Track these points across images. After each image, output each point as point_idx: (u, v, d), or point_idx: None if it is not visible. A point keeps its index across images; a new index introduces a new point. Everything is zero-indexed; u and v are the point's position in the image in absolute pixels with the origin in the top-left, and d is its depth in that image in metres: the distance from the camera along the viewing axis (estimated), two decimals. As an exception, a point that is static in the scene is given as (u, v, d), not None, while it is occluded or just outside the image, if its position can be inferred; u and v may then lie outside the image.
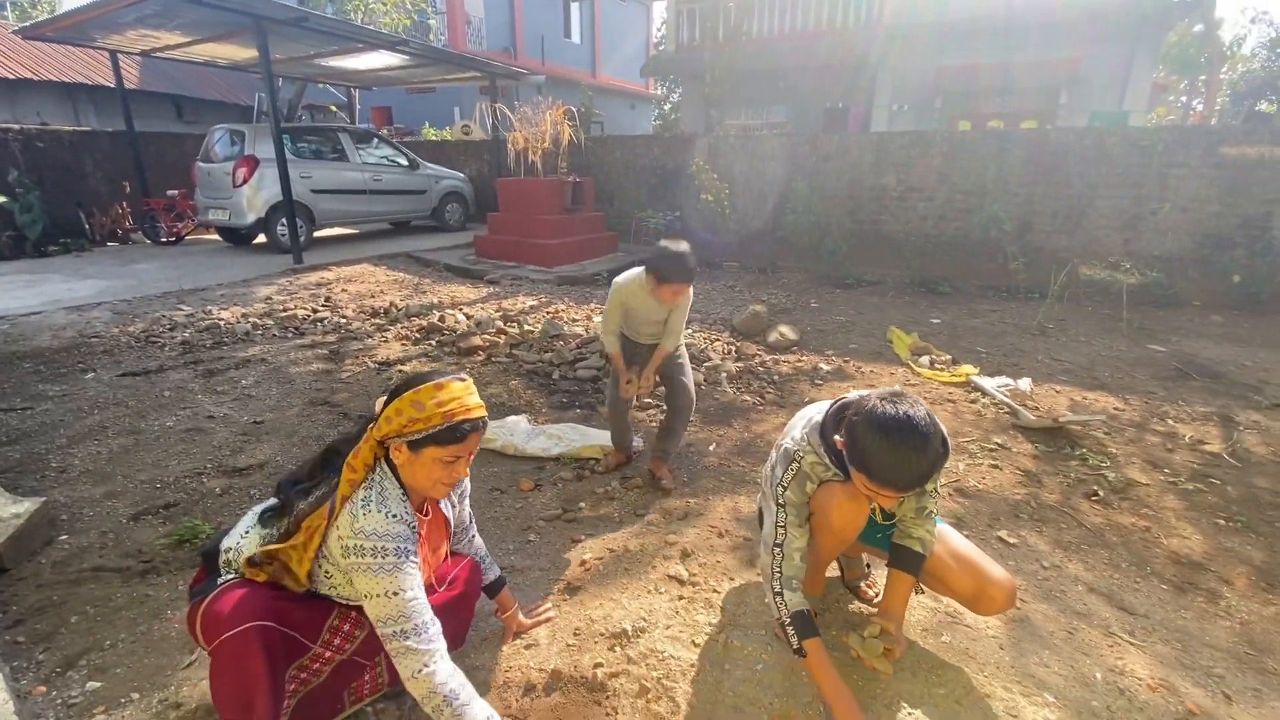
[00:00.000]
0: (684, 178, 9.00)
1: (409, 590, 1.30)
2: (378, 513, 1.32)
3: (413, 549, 1.35)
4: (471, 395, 1.40)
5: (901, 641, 1.52)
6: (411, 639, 1.28)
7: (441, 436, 1.33)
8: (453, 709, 1.26)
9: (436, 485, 1.39)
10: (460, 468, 1.40)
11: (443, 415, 1.33)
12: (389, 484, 1.38)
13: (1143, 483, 2.99)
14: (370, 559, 1.29)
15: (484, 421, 1.40)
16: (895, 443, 1.28)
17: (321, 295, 6.38)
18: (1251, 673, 1.86)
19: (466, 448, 1.38)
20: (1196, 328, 5.51)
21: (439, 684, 1.27)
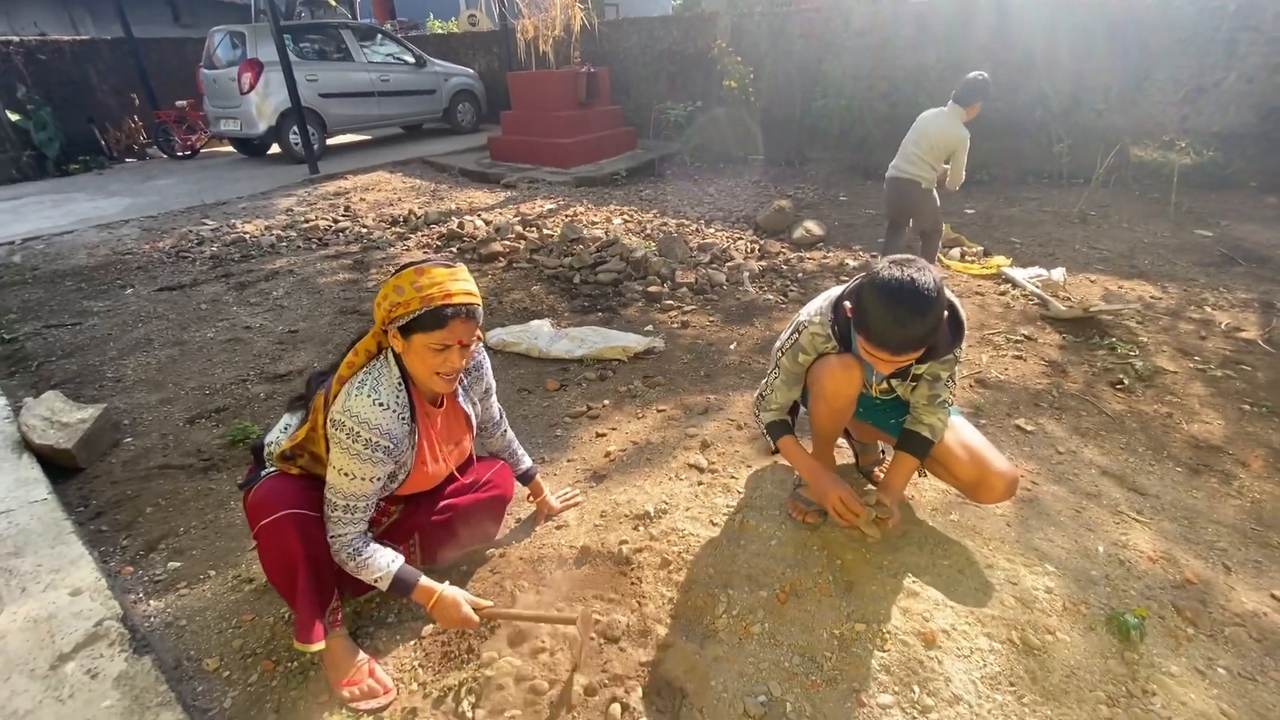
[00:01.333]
0: (705, 63, 8.44)
1: (360, 478, 1.39)
2: (367, 398, 1.36)
3: (388, 445, 1.39)
4: (456, 281, 1.37)
5: (895, 513, 1.59)
6: (338, 513, 1.42)
7: (424, 321, 1.33)
8: (356, 562, 1.43)
9: (433, 376, 1.41)
10: (452, 357, 1.39)
11: (421, 299, 1.32)
12: (387, 371, 1.42)
13: (1170, 370, 2.96)
14: (344, 436, 1.35)
15: (469, 309, 1.38)
16: (894, 303, 1.29)
17: (341, 205, 6.36)
18: (1255, 547, 1.92)
19: (453, 334, 1.36)
20: (1249, 210, 5.19)
21: (345, 546, 1.43)
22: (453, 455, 1.63)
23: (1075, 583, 1.63)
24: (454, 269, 1.40)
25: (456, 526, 1.80)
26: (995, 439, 2.41)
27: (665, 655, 1.49)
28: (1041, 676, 1.38)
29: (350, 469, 1.37)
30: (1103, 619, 1.51)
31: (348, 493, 1.40)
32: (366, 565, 1.44)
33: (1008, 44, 6.78)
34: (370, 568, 1.44)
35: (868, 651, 1.42)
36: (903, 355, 1.34)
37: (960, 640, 1.44)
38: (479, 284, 4.23)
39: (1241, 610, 1.63)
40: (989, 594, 1.56)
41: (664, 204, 6.35)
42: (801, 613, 1.54)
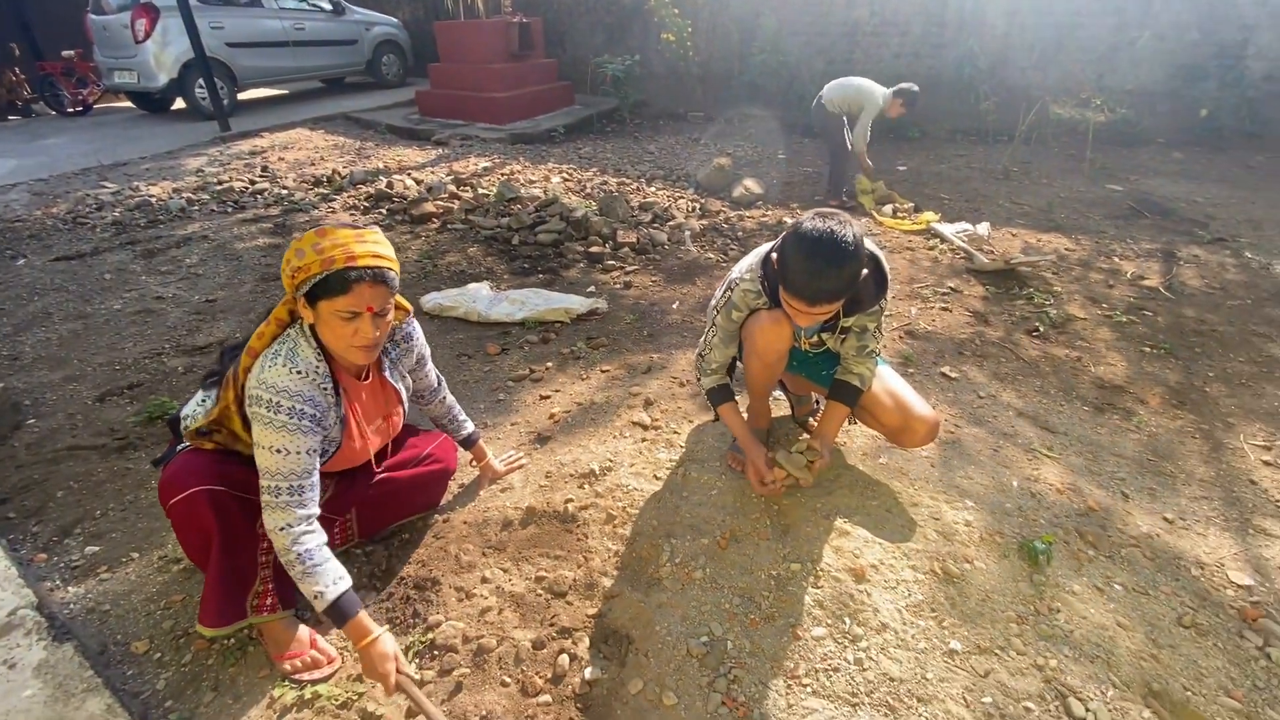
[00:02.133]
0: (643, 14, 8.21)
1: (294, 451, 1.29)
2: (283, 367, 1.29)
3: (312, 412, 1.31)
4: (363, 243, 1.27)
5: (824, 456, 1.66)
6: (284, 496, 1.29)
7: (328, 285, 1.24)
8: (304, 567, 1.28)
9: (348, 348, 1.32)
10: (364, 326, 1.29)
11: (322, 262, 1.23)
12: (304, 343, 1.35)
13: (1081, 317, 3.16)
14: (264, 410, 1.27)
15: (377, 271, 1.27)
16: (811, 254, 1.32)
17: (257, 165, 5.94)
18: (1150, 475, 2.11)
19: (360, 300, 1.26)
20: (1157, 165, 5.53)
21: (295, 543, 1.28)
22: (381, 430, 1.58)
23: (991, 515, 1.75)
24: (361, 230, 1.31)
25: (396, 501, 1.76)
26: (922, 387, 2.54)
27: (611, 605, 1.52)
28: (960, 601, 1.49)
29: (280, 443, 1.28)
30: (1015, 547, 1.64)
31: (285, 471, 1.29)
32: (309, 574, 1.28)
33: (940, 2, 6.87)
34: (313, 578, 1.28)
35: (802, 589, 1.50)
36: (819, 306, 1.37)
37: (887, 573, 1.53)
38: (412, 246, 4.10)
39: (1137, 533, 1.80)
40: (914, 530, 1.66)
41: (604, 162, 6.23)
42: (741, 556, 1.60)
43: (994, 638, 1.40)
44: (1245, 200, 4.71)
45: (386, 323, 1.37)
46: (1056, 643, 1.40)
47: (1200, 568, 1.69)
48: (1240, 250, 3.88)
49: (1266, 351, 2.85)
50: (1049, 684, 1.31)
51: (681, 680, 1.34)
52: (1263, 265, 3.68)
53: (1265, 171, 5.35)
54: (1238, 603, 1.58)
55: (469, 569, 1.68)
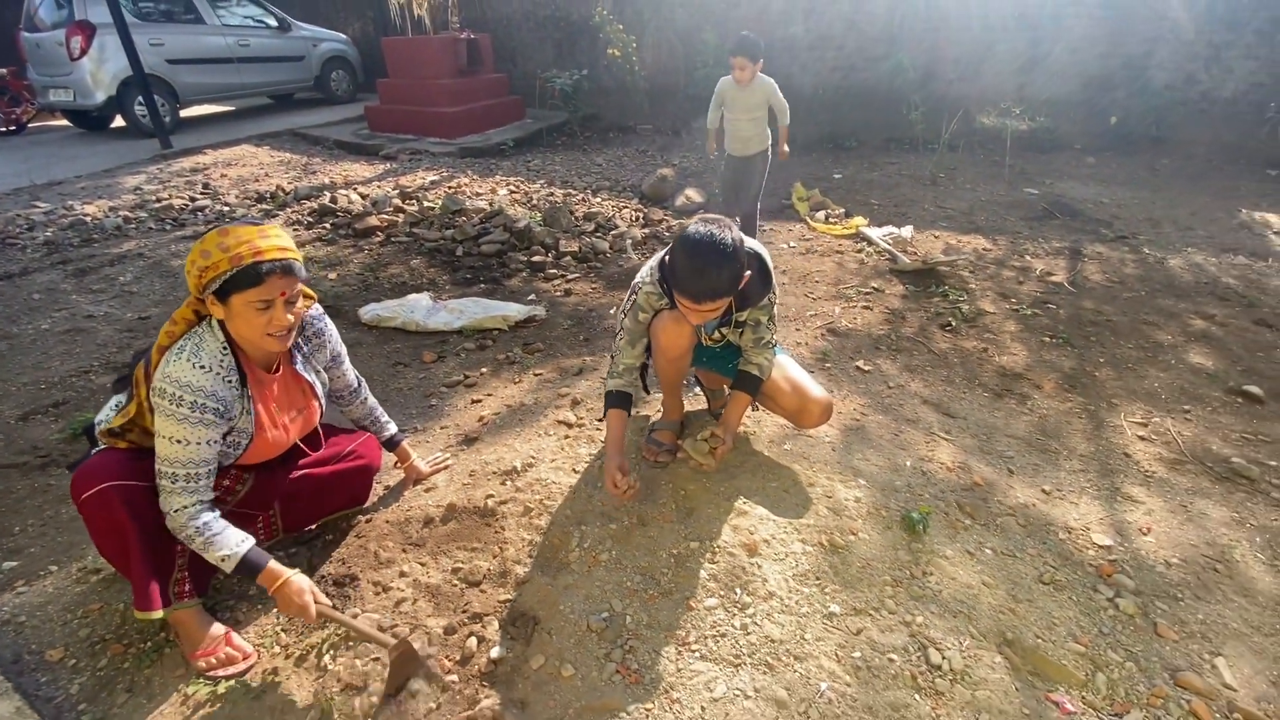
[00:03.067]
0: (589, 30, 8.37)
1: (194, 442, 1.36)
2: (187, 362, 1.35)
3: (215, 406, 1.37)
4: (266, 238, 1.35)
5: (727, 443, 1.79)
6: (180, 483, 1.38)
7: (238, 280, 1.31)
8: (204, 538, 1.38)
9: (263, 337, 1.39)
10: (278, 314, 1.37)
11: (230, 260, 1.30)
12: (210, 337, 1.41)
13: (990, 312, 3.37)
14: (167, 403, 1.33)
15: (284, 263, 1.35)
16: (694, 256, 1.44)
17: (199, 182, 5.88)
18: (1036, 453, 2.29)
19: (272, 289, 1.34)
20: (1071, 170, 5.88)
21: (192, 519, 1.38)
22: (296, 423, 1.64)
23: (881, 492, 1.89)
24: (262, 226, 1.39)
25: (320, 497, 1.82)
26: (836, 380, 2.69)
27: (522, 590, 1.60)
28: (843, 569, 1.61)
29: (180, 434, 1.35)
30: (898, 519, 1.78)
31: (184, 460, 1.37)
32: (212, 543, 1.39)
33: (870, 17, 7.21)
34: (217, 545, 1.39)
35: (699, 564, 1.60)
36: (705, 304, 1.49)
37: (778, 547, 1.65)
38: (354, 260, 4.13)
39: (1014, 503, 1.96)
40: (807, 507, 1.79)
41: (552, 174, 6.34)
42: (646, 539, 1.70)
43: (869, 600, 1.53)
44: (1148, 201, 5.05)
45: (298, 310, 1.45)
46: (925, 602, 1.54)
47: (1068, 532, 1.85)
48: (1139, 247, 4.17)
49: (1153, 338, 3.10)
50: (913, 638, 1.44)
51: (580, 653, 1.42)
52: (1158, 260, 3.97)
53: (1168, 174, 5.75)
54: (1097, 561, 1.74)
55: (388, 564, 1.74)
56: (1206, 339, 3.07)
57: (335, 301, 3.57)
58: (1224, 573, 1.72)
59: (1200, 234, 4.39)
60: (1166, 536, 1.86)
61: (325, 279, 3.87)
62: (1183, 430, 2.40)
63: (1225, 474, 2.15)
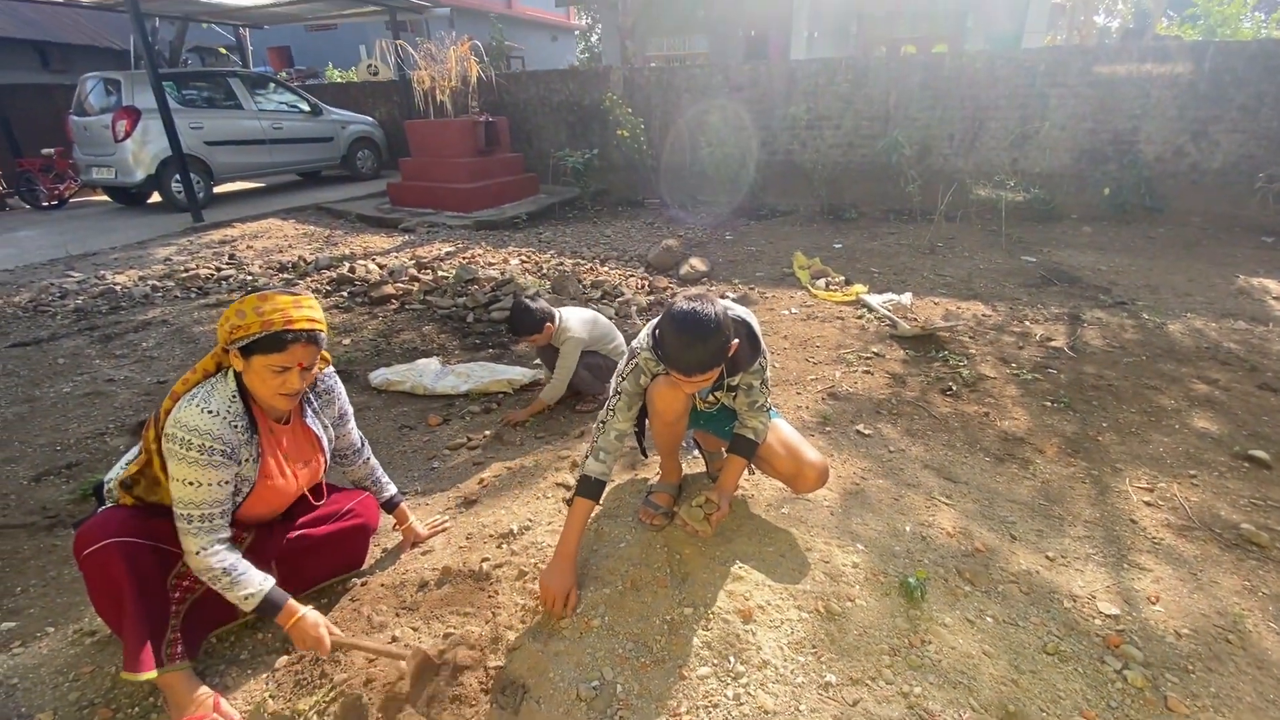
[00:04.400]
0: (600, 113, 8.89)
1: (207, 484, 1.42)
2: (197, 408, 1.42)
3: (223, 449, 1.43)
4: (300, 309, 1.45)
5: (723, 508, 1.79)
6: (196, 524, 1.43)
7: (264, 344, 1.41)
8: (230, 578, 1.44)
9: (274, 395, 1.48)
10: (292, 379, 1.46)
11: (262, 323, 1.40)
12: (222, 386, 1.49)
13: (991, 376, 3.39)
14: (177, 447, 1.39)
15: (311, 334, 1.46)
16: (680, 331, 1.50)
17: (225, 253, 6.16)
18: (1039, 519, 2.25)
19: (293, 357, 1.44)
20: (1068, 239, 6.02)
21: (217, 559, 1.44)
22: (303, 474, 1.69)
23: (880, 557, 1.87)
24: (298, 296, 1.49)
25: (317, 555, 1.83)
26: (837, 443, 2.70)
27: (513, 657, 1.58)
28: (839, 637, 1.58)
29: (193, 476, 1.41)
30: (896, 585, 1.75)
31: (199, 501, 1.43)
32: (238, 582, 1.46)
33: (866, 98, 7.61)
34: (242, 584, 1.46)
35: (693, 631, 1.58)
36: (695, 376, 1.54)
37: (774, 613, 1.63)
38: (368, 326, 4.27)
39: (1017, 570, 1.92)
40: (804, 572, 1.77)
41: (562, 245, 6.58)
42: (639, 604, 1.68)
43: (866, 669, 1.49)
44: (1145, 268, 5.14)
45: (312, 374, 1.55)
46: (924, 672, 1.49)
47: (1073, 600, 1.81)
48: (1138, 312, 4.22)
49: (1156, 402, 3.09)
50: (911, 709, 1.40)
51: (569, 723, 1.39)
52: (1157, 325, 4.00)
53: (1164, 242, 5.86)
54: (1104, 631, 1.69)
55: (380, 629, 1.73)
56: (1210, 404, 3.05)
57: (347, 366, 3.67)
58: (1236, 644, 1.66)
59: (1199, 300, 4.43)
60: (1176, 605, 1.81)
61: (339, 344, 4.00)
62: (1189, 496, 2.37)
63: (1235, 541, 2.10)
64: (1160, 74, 6.46)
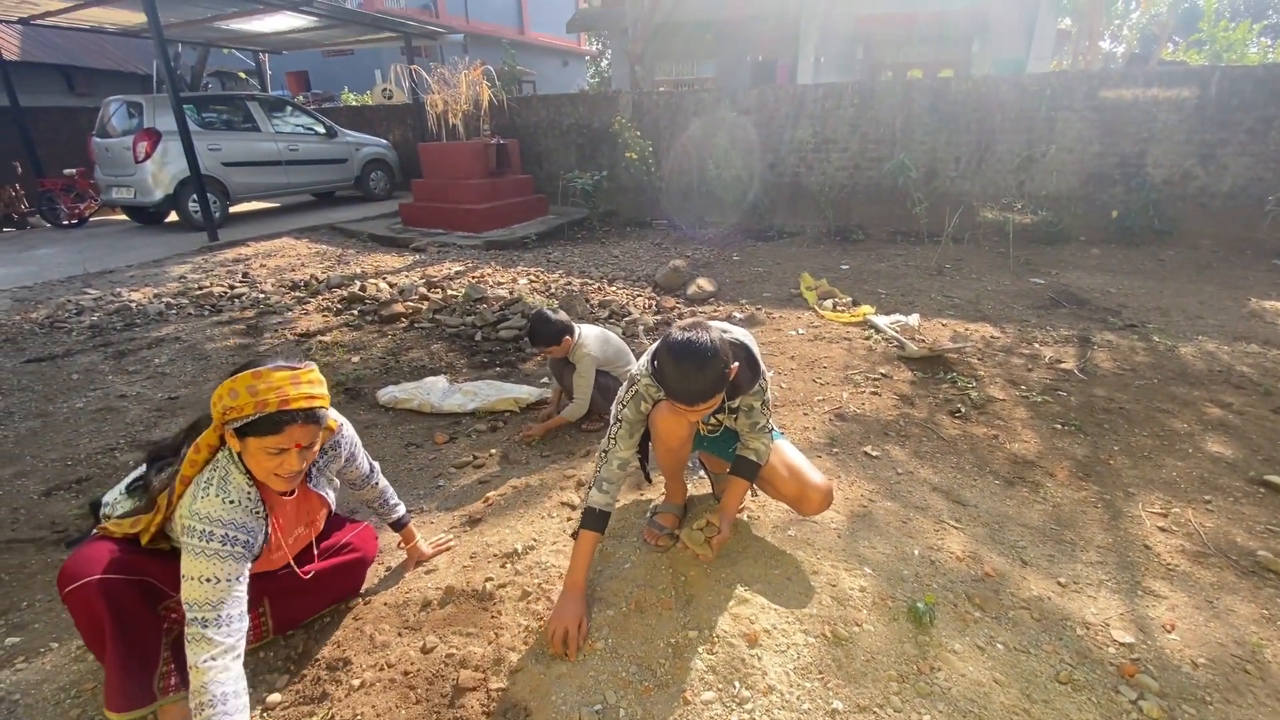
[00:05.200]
0: (609, 136, 9.02)
1: (224, 580, 1.34)
2: (216, 497, 1.36)
3: (245, 539, 1.38)
4: (297, 386, 1.36)
5: (724, 531, 1.78)
6: (210, 629, 1.29)
7: (258, 426, 1.32)
8: (214, 710, 1.24)
9: (270, 476, 1.40)
10: (289, 460, 1.37)
11: (255, 405, 1.31)
12: (234, 469, 1.42)
13: (1000, 399, 3.37)
14: (197, 540, 1.33)
15: (309, 413, 1.36)
16: (678, 362, 1.50)
17: (239, 271, 6.25)
18: (1051, 544, 2.22)
19: (290, 439, 1.35)
20: (1076, 261, 6.01)
21: (214, 680, 1.26)
22: (303, 537, 1.67)
23: (888, 581, 1.84)
24: (297, 370, 1.39)
25: (312, 592, 1.78)
26: (844, 464, 2.68)
27: (515, 679, 1.57)
28: (846, 662, 1.55)
29: (211, 572, 1.33)
30: (904, 610, 1.72)
31: (215, 600, 1.32)
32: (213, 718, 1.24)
33: (873, 121, 7.68)
34: None
35: (697, 655, 1.56)
36: (697, 404, 1.54)
37: (780, 638, 1.61)
38: (377, 344, 4.31)
39: (1028, 596, 1.89)
40: (810, 596, 1.75)
41: (570, 265, 6.64)
42: (643, 626, 1.66)
43: (874, 696, 1.46)
44: (1154, 290, 5.11)
45: (313, 453, 1.46)
46: (933, 700, 1.46)
47: (1086, 627, 1.77)
48: (1149, 335, 4.19)
49: (1169, 426, 3.05)
50: (921, 739, 1.37)
51: (571, 747, 1.37)
52: (1169, 348, 3.97)
53: (1174, 264, 5.84)
54: (1118, 659, 1.66)
55: (382, 648, 1.72)
56: (1224, 428, 3.01)
57: (356, 384, 3.69)
58: (1255, 674, 1.62)
59: (1210, 323, 4.40)
60: (1192, 634, 1.77)
61: (348, 362, 4.03)
62: (1204, 522, 2.33)
63: (1252, 568, 2.06)
64: (1166, 98, 6.49)
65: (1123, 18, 16.31)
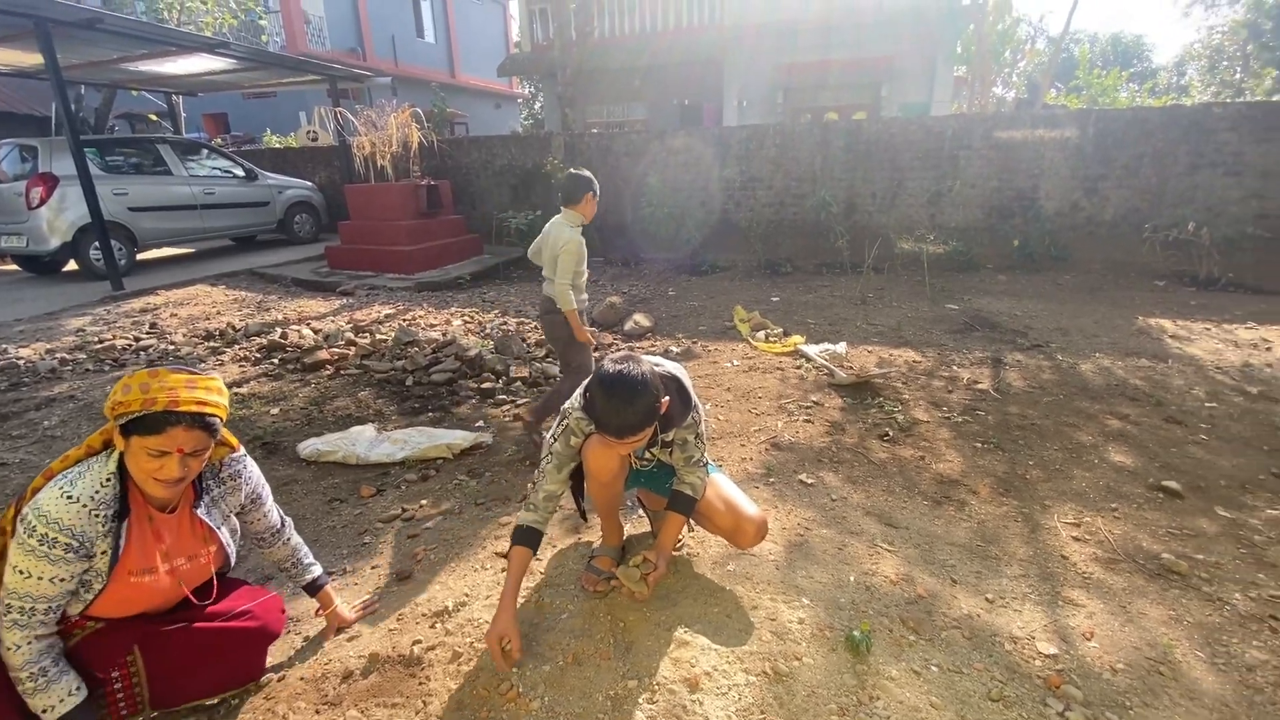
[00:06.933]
0: (542, 176, 9.09)
1: (36, 577, 1.31)
2: (59, 492, 1.32)
3: (68, 542, 1.31)
4: (192, 389, 1.35)
5: (660, 568, 1.75)
6: (14, 615, 1.32)
7: (142, 423, 1.31)
8: (34, 684, 1.32)
9: (148, 480, 1.36)
10: (169, 465, 1.34)
11: (144, 402, 1.30)
12: (99, 467, 1.38)
13: (925, 421, 3.51)
14: (23, 530, 1.30)
15: (197, 417, 1.34)
16: (609, 395, 1.50)
17: (146, 322, 5.85)
18: (977, 560, 2.29)
19: (171, 441, 1.32)
20: (986, 286, 6.42)
21: (26, 661, 1.32)
22: (185, 570, 1.53)
23: (825, 611, 1.85)
24: (195, 376, 1.39)
25: (201, 661, 1.57)
26: (781, 494, 2.70)
27: (444, 750, 1.46)
28: (787, 699, 1.53)
29: (24, 565, 1.30)
30: (842, 639, 1.73)
31: (23, 593, 1.31)
32: (41, 690, 1.32)
33: (794, 160, 8.07)
34: (45, 694, 1.33)
35: (638, 706, 1.51)
36: (626, 438, 1.53)
37: (721, 680, 1.57)
38: (299, 394, 4.09)
39: (959, 614, 1.93)
40: (750, 633, 1.73)
41: (506, 304, 6.57)
42: (581, 680, 1.59)
43: (815, 733, 1.45)
44: (1055, 312, 5.51)
45: (198, 462, 1.42)
46: (873, 730, 1.46)
47: (1013, 642, 1.82)
48: (1053, 354, 4.49)
49: (1075, 439, 3.25)
50: (863, 773, 1.36)
51: (504, 821, 1.28)
52: (1071, 365, 4.26)
53: (1070, 288, 6.33)
54: (1044, 672, 1.71)
55: (295, 730, 1.57)
56: (1123, 438, 3.24)
57: (275, 437, 3.48)
58: (1168, 675, 1.71)
59: (1105, 340, 4.77)
60: (1109, 640, 1.85)
61: (267, 415, 3.80)
62: (1113, 529, 2.47)
63: (1157, 571, 2.19)
64: (1052, 138, 7.13)
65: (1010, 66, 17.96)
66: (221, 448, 1.57)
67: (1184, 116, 6.85)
